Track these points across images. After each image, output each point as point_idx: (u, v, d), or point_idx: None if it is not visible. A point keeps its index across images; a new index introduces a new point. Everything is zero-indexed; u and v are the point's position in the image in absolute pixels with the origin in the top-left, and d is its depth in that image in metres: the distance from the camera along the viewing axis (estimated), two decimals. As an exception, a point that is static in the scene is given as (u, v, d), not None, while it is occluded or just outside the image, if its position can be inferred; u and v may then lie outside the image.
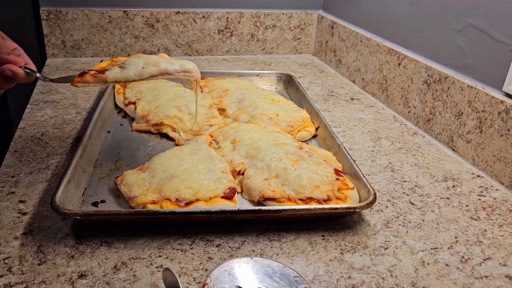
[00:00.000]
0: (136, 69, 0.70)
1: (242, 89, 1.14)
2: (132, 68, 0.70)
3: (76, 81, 0.67)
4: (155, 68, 0.71)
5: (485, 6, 0.94)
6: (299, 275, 0.61)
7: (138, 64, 0.70)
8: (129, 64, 0.70)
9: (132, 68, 0.70)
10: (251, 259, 0.63)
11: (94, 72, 0.67)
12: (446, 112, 1.03)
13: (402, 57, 1.18)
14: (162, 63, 0.72)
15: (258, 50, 1.64)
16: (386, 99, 1.26)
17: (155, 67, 0.71)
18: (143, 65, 0.70)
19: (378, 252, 0.69)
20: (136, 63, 0.71)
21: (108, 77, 0.69)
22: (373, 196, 0.73)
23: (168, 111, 1.00)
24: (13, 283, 0.59)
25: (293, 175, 0.78)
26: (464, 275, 0.66)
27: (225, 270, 0.61)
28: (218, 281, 0.59)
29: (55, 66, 1.39)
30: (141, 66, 0.70)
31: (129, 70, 0.69)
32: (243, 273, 0.61)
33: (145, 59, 0.73)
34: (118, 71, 0.69)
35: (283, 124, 1.00)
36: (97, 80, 0.68)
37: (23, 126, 1.00)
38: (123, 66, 0.70)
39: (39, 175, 0.83)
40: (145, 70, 0.70)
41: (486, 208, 0.82)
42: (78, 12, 1.41)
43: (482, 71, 0.96)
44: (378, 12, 1.32)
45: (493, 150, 0.91)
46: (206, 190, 0.74)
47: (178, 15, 1.49)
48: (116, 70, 0.69)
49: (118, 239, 0.68)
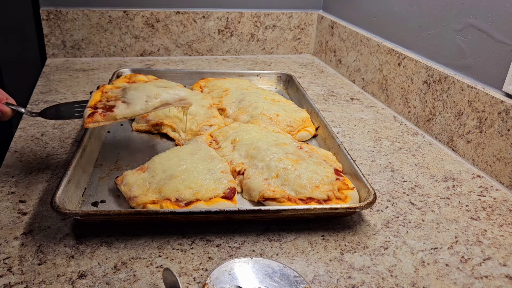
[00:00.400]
0: (141, 105, 0.76)
1: (242, 89, 1.14)
2: (138, 103, 0.76)
3: (87, 121, 0.70)
4: (157, 101, 0.78)
5: (485, 6, 0.94)
6: (299, 275, 0.61)
7: (141, 98, 0.76)
8: (133, 99, 0.76)
9: (138, 103, 0.76)
10: (251, 259, 0.63)
11: (102, 111, 0.72)
12: (446, 112, 1.03)
13: (402, 57, 1.18)
14: (163, 94, 0.78)
15: (258, 50, 1.64)
16: (386, 99, 1.26)
17: (157, 99, 0.78)
18: (146, 98, 0.76)
19: (378, 252, 0.69)
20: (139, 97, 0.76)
21: (117, 115, 0.73)
22: (373, 196, 0.73)
23: (168, 111, 1.00)
24: (13, 283, 0.59)
25: (293, 175, 0.78)
26: (464, 275, 0.66)
27: (225, 270, 0.61)
28: (218, 281, 0.59)
29: (55, 66, 1.39)
30: (144, 100, 0.76)
31: (136, 106, 0.75)
32: (243, 273, 0.61)
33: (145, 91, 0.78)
34: (124, 107, 0.74)
35: (283, 124, 1.00)
36: (106, 119, 0.72)
37: (23, 126, 1.00)
38: (127, 101, 0.75)
39: (39, 175, 0.83)
40: (149, 104, 0.77)
41: (486, 208, 0.82)
42: (78, 12, 1.41)
43: (482, 71, 0.96)
44: (378, 12, 1.32)
45: (493, 150, 0.91)
46: (206, 190, 0.74)
47: (178, 15, 1.49)
48: (122, 106, 0.74)
49: (118, 239, 0.68)
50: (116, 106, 0.74)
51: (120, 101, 0.76)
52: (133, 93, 0.76)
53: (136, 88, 0.79)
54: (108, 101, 0.77)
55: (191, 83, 1.24)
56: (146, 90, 0.78)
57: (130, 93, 0.76)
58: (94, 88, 1.24)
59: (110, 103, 0.76)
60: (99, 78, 1.31)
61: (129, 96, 0.76)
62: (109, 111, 0.73)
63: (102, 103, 0.77)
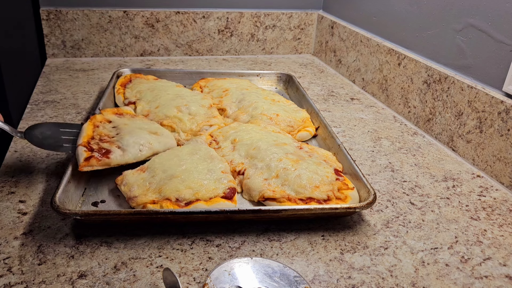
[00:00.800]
0: (135, 153, 0.81)
1: (242, 89, 1.14)
2: (131, 152, 0.81)
3: (83, 165, 0.74)
4: (150, 151, 0.83)
5: (485, 6, 0.94)
6: (299, 275, 0.61)
7: (136, 147, 0.81)
8: (128, 146, 0.81)
9: (132, 151, 0.81)
10: (251, 259, 0.63)
11: (99, 155, 0.76)
12: (446, 112, 1.03)
13: (402, 57, 1.18)
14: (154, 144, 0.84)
15: (258, 50, 1.64)
16: (386, 99, 1.26)
17: (150, 149, 0.83)
18: (140, 148, 0.82)
19: (378, 252, 0.69)
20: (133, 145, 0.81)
21: (112, 161, 0.78)
22: (373, 196, 0.73)
23: (168, 111, 1.00)
24: (13, 283, 0.59)
25: (293, 175, 0.78)
26: (464, 275, 0.66)
27: (225, 270, 0.61)
28: (218, 281, 0.59)
29: (55, 66, 1.39)
30: (138, 149, 0.82)
31: (129, 154, 0.80)
32: (243, 273, 0.61)
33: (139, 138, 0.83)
34: (119, 154, 0.79)
35: (283, 124, 1.00)
36: (101, 164, 0.77)
37: (23, 126, 1.00)
38: (122, 147, 0.80)
39: (39, 175, 0.83)
40: (142, 153, 0.82)
41: (486, 208, 0.82)
42: (78, 12, 1.41)
43: (482, 71, 0.96)
44: (378, 12, 1.32)
45: (493, 150, 0.91)
46: (206, 190, 0.74)
47: (178, 15, 1.49)
48: (117, 153, 0.79)
49: (118, 239, 0.68)
50: (112, 152, 0.78)
51: (115, 145, 0.80)
52: (128, 139, 0.81)
53: (130, 132, 0.83)
54: (102, 140, 0.81)
55: (191, 83, 1.24)
56: (140, 138, 0.83)
57: (125, 138, 0.81)
58: (94, 87, 1.24)
59: (105, 145, 0.80)
60: (99, 78, 1.31)
61: (124, 142, 0.81)
62: (105, 157, 0.77)
63: (95, 141, 0.80)
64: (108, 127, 0.87)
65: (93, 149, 0.78)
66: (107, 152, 0.78)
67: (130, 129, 0.86)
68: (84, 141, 0.80)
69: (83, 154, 0.77)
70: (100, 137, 0.83)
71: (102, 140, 0.81)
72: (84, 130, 0.83)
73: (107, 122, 0.89)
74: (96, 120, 0.87)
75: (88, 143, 0.80)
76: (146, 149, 0.83)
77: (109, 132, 0.84)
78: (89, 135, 0.82)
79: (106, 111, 0.92)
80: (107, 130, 0.85)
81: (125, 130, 0.85)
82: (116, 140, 0.82)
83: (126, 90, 1.12)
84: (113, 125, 0.87)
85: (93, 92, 1.21)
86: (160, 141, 0.86)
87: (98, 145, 0.79)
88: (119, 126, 0.87)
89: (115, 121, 0.89)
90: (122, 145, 0.81)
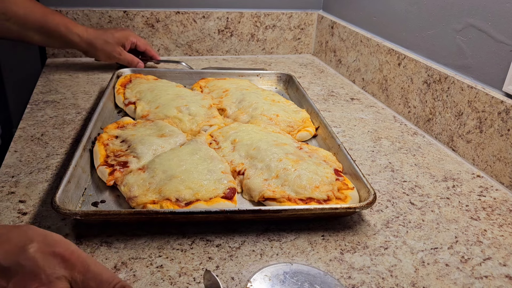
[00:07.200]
0: (150, 157, 0.83)
1: (242, 89, 1.14)
2: (146, 158, 0.83)
3: (109, 180, 0.77)
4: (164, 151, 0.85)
5: (485, 6, 0.94)
6: (339, 283, 0.61)
7: (150, 152, 0.84)
8: (142, 154, 0.83)
9: (147, 158, 0.83)
10: (291, 265, 0.63)
11: (120, 167, 0.79)
12: (446, 112, 1.03)
13: (402, 57, 1.18)
14: (165, 145, 0.87)
15: (258, 50, 1.64)
16: (386, 99, 1.26)
17: (164, 151, 0.85)
18: (154, 152, 0.84)
19: (378, 252, 0.69)
20: (148, 151, 0.84)
21: (133, 169, 0.80)
22: (373, 196, 0.73)
23: (168, 112, 1.00)
24: (13, 283, 0.59)
25: (293, 176, 0.78)
26: (464, 275, 0.66)
27: (265, 275, 0.61)
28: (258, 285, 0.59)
29: (55, 66, 1.39)
30: (153, 154, 0.84)
31: (145, 159, 0.83)
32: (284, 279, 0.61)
33: (151, 144, 0.86)
34: (136, 162, 0.82)
35: (283, 125, 1.00)
36: (124, 173, 0.79)
37: (23, 126, 1.00)
38: (137, 156, 0.83)
39: (39, 175, 0.83)
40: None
41: (486, 208, 0.82)
42: (78, 12, 1.41)
43: (482, 71, 0.96)
44: (378, 12, 1.32)
45: (493, 150, 0.91)
46: (206, 190, 0.74)
47: (178, 15, 1.49)
48: (135, 161, 0.82)
49: (118, 239, 0.68)
50: (130, 162, 0.81)
51: (131, 156, 0.83)
52: (142, 148, 0.84)
53: (140, 141, 0.86)
54: (117, 156, 0.83)
55: (191, 83, 1.24)
56: (151, 144, 0.86)
57: (138, 148, 0.84)
58: (94, 87, 1.24)
59: (122, 159, 0.82)
60: (99, 78, 1.31)
61: (138, 151, 0.83)
62: (125, 167, 0.80)
63: (111, 158, 0.83)
64: (117, 142, 0.88)
65: (113, 165, 0.80)
66: (125, 163, 0.81)
67: (139, 138, 0.87)
68: (101, 162, 0.81)
69: (106, 171, 0.79)
70: (113, 153, 0.84)
71: (118, 156, 0.83)
72: (96, 152, 0.84)
73: (113, 138, 0.89)
74: (103, 139, 0.88)
75: (106, 162, 0.81)
76: (160, 151, 0.85)
77: (120, 147, 0.86)
78: (103, 154, 0.84)
79: (108, 128, 0.93)
80: (117, 146, 0.87)
81: (134, 141, 0.87)
82: (129, 152, 0.84)
83: (126, 90, 1.12)
84: (121, 140, 0.88)
85: (93, 92, 1.21)
86: (170, 142, 0.88)
87: (116, 161, 0.82)
88: (127, 138, 0.88)
89: (121, 135, 0.90)
90: (137, 154, 0.83)
